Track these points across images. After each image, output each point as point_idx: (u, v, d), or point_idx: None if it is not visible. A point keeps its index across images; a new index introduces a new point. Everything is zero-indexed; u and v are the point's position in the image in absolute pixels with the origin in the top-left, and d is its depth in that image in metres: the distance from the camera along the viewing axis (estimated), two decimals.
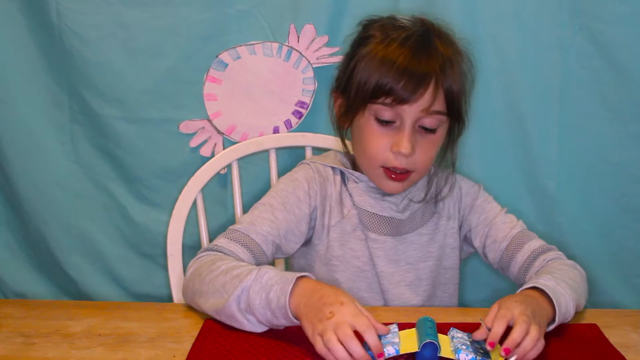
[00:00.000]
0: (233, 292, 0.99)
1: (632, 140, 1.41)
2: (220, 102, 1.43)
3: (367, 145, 1.15)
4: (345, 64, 1.19)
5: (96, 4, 1.38)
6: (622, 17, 1.35)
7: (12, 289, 1.54)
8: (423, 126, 1.13)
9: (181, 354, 0.96)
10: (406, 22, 1.16)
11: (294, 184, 1.21)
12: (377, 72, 1.10)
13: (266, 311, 0.98)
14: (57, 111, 1.45)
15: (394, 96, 1.09)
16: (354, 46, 1.18)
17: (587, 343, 1.01)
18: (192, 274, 1.09)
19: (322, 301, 0.94)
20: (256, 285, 0.98)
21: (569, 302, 1.04)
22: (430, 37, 1.14)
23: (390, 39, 1.12)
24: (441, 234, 1.26)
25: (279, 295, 0.96)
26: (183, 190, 1.38)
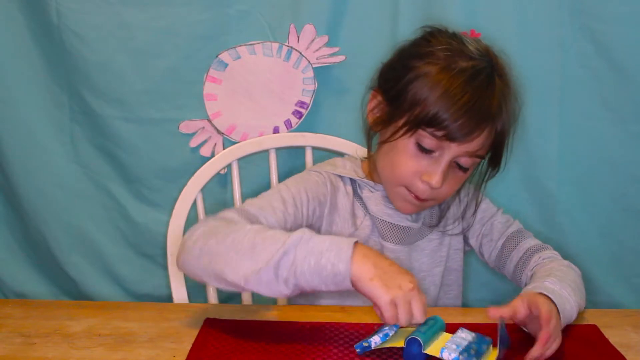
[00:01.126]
0: (272, 257, 0.92)
1: (632, 140, 1.41)
2: (220, 102, 1.43)
3: (399, 164, 1.11)
4: (397, 69, 1.12)
5: (96, 4, 1.38)
6: (622, 17, 1.35)
7: (12, 289, 1.54)
8: (458, 163, 1.10)
9: (181, 354, 0.96)
10: (472, 49, 1.10)
11: (305, 184, 1.15)
12: (438, 103, 1.05)
13: (314, 278, 0.92)
14: (57, 111, 1.45)
15: (447, 132, 1.05)
16: (412, 55, 1.11)
17: (587, 344, 1.01)
18: (204, 233, 0.99)
19: (395, 268, 0.93)
20: (301, 251, 0.92)
21: (573, 307, 1.04)
22: (493, 76, 1.09)
23: (458, 70, 1.06)
24: (447, 237, 1.25)
25: (333, 262, 0.91)
26: (183, 190, 1.38)
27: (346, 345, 0.98)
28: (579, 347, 1.00)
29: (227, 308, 1.18)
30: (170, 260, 1.37)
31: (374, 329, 0.98)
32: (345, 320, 1.06)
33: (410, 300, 0.91)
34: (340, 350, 0.96)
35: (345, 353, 0.96)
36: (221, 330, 1.02)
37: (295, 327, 1.04)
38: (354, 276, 0.91)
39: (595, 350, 0.99)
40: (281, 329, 1.03)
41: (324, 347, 0.97)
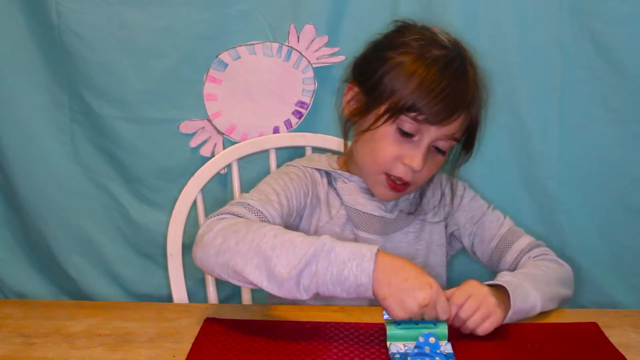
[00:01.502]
0: (294, 266, 0.93)
1: (632, 140, 1.41)
2: (220, 102, 1.43)
3: (380, 150, 1.15)
4: (372, 61, 1.17)
5: (96, 4, 1.38)
6: (622, 17, 1.35)
7: (12, 289, 1.54)
8: (436, 147, 1.15)
9: (181, 354, 0.96)
10: (444, 40, 1.16)
11: (288, 177, 1.19)
12: (416, 91, 1.10)
13: (336, 288, 0.93)
14: (57, 111, 1.45)
15: (427, 116, 1.10)
16: (386, 46, 1.17)
17: (586, 341, 1.01)
18: (223, 230, 1.00)
19: (411, 287, 0.93)
20: (323, 261, 0.93)
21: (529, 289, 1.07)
22: (465, 65, 1.15)
23: (432, 58, 1.12)
24: (427, 231, 1.27)
25: (356, 273, 0.92)
26: (183, 190, 1.38)
27: (346, 345, 0.98)
28: (579, 345, 1.00)
29: (227, 308, 1.18)
30: (170, 260, 1.37)
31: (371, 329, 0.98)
32: (345, 320, 1.06)
33: (423, 313, 0.94)
34: (340, 350, 0.97)
35: (345, 353, 0.96)
36: (221, 330, 1.02)
37: (295, 327, 1.04)
38: (375, 291, 0.93)
39: (595, 348, 0.99)
40: (281, 329, 1.03)
41: (324, 347, 0.97)
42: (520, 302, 1.05)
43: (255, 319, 1.07)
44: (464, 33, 1.36)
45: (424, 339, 0.92)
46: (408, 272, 0.94)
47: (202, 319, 1.06)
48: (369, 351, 0.96)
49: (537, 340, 1.01)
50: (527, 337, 1.02)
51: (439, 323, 0.96)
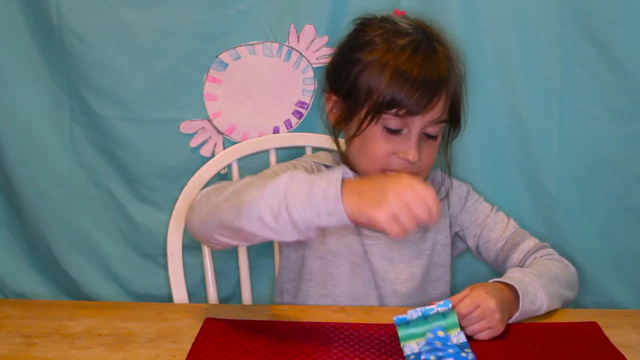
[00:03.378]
0: (262, 192, 0.91)
1: (632, 140, 1.41)
2: (220, 102, 1.43)
3: (372, 150, 1.14)
4: (342, 67, 1.17)
5: (96, 4, 1.38)
6: (622, 17, 1.35)
7: (12, 289, 1.54)
8: (427, 133, 1.15)
9: (181, 354, 0.96)
10: (406, 26, 1.15)
11: (296, 168, 1.17)
12: (391, 85, 1.09)
13: (306, 208, 0.89)
14: (57, 111, 1.45)
15: (407, 108, 1.10)
16: (352, 48, 1.16)
17: (586, 341, 1.01)
18: (209, 191, 1.02)
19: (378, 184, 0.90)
20: (293, 182, 0.91)
21: (537, 289, 1.08)
22: (433, 44, 1.14)
23: (399, 48, 1.11)
24: (432, 231, 1.26)
25: (325, 187, 0.89)
26: (183, 190, 1.38)
27: (346, 345, 0.98)
28: (579, 345, 1.00)
29: (227, 308, 1.18)
30: (170, 260, 1.37)
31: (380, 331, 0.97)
32: (345, 320, 1.06)
33: (407, 203, 0.88)
34: (340, 350, 0.97)
35: (345, 353, 0.96)
36: (221, 330, 1.02)
37: (295, 327, 1.04)
38: (347, 212, 0.89)
39: (595, 348, 0.99)
40: (281, 329, 1.03)
41: (324, 347, 0.97)
42: (529, 303, 1.06)
43: (255, 319, 1.07)
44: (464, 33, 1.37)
45: (433, 335, 0.92)
46: (384, 179, 0.92)
47: (202, 319, 1.06)
48: (369, 352, 0.96)
49: (537, 340, 1.01)
50: (527, 337, 1.02)
51: (448, 314, 0.95)
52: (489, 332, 1.00)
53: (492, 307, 1.00)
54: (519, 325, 1.05)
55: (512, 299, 1.05)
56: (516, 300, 1.05)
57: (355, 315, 1.09)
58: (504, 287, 1.07)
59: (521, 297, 1.05)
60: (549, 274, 1.14)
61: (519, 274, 1.11)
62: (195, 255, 1.43)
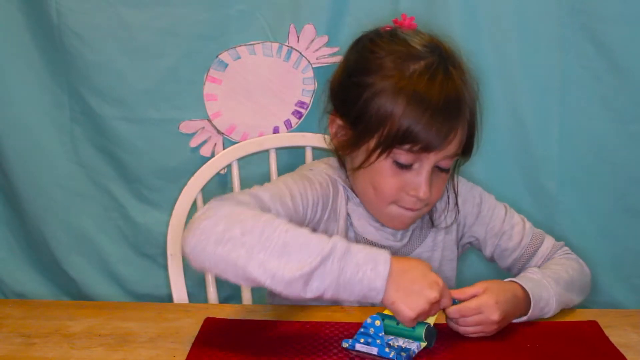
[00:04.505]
0: (307, 265, 0.87)
1: (632, 140, 1.41)
2: (220, 102, 1.43)
3: (380, 186, 1.06)
4: (351, 89, 1.07)
5: (96, 4, 1.38)
6: (622, 17, 1.35)
7: (12, 289, 1.54)
8: (439, 166, 1.06)
9: (181, 354, 0.96)
10: (418, 47, 1.05)
11: (310, 183, 1.09)
12: (406, 116, 1.00)
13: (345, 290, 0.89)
14: (57, 111, 1.45)
15: (423, 144, 1.01)
16: (362, 71, 1.06)
17: (587, 340, 1.01)
18: (227, 217, 0.91)
19: (419, 287, 0.92)
20: (339, 261, 0.88)
21: (552, 296, 1.07)
22: (448, 68, 1.04)
23: (415, 76, 1.02)
24: (439, 249, 1.20)
25: (371, 277, 0.88)
26: (183, 190, 1.38)
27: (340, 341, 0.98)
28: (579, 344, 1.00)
29: (227, 308, 1.18)
30: (170, 260, 1.37)
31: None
32: (345, 320, 1.06)
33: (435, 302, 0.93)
34: (340, 350, 0.96)
35: (345, 353, 0.96)
36: (221, 330, 1.02)
37: (295, 327, 1.04)
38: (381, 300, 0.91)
39: (595, 347, 0.99)
40: (281, 329, 1.03)
41: (324, 348, 0.97)
42: (539, 311, 1.06)
43: (255, 319, 1.07)
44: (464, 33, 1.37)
45: (371, 321, 0.93)
46: (415, 274, 0.93)
47: (202, 319, 1.06)
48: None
49: (537, 339, 1.01)
50: (527, 337, 1.02)
51: (418, 326, 0.95)
52: (478, 334, 1.00)
53: (494, 319, 0.99)
54: (518, 325, 1.05)
55: (522, 305, 1.04)
56: (526, 305, 1.04)
57: (356, 315, 1.09)
58: (519, 288, 1.05)
59: (532, 306, 1.04)
60: (566, 278, 1.12)
61: (538, 275, 1.09)
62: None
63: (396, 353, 0.91)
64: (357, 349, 0.93)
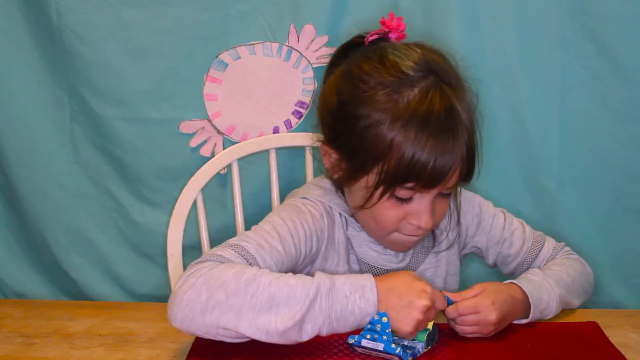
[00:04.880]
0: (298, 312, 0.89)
1: (632, 140, 1.41)
2: (220, 102, 1.43)
3: (381, 219, 1.04)
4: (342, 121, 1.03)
5: (96, 4, 1.38)
6: (622, 17, 1.35)
7: (12, 289, 1.54)
8: (441, 193, 1.03)
9: (181, 354, 0.96)
10: (409, 71, 0.99)
11: (301, 217, 1.06)
12: (405, 155, 0.96)
13: (339, 324, 0.91)
14: (57, 111, 1.45)
15: (424, 182, 0.98)
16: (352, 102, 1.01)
17: (586, 341, 1.01)
18: (207, 283, 0.90)
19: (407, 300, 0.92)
20: (326, 300, 0.90)
21: (552, 298, 1.07)
22: (442, 88, 0.99)
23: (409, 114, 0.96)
24: (443, 265, 1.19)
25: (361, 305, 0.91)
26: (183, 190, 1.38)
27: (346, 345, 0.98)
28: (579, 345, 1.00)
29: None
30: (170, 261, 1.37)
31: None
32: None
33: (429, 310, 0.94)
34: (340, 350, 0.96)
35: (345, 353, 0.96)
36: None
37: None
38: None
39: (595, 348, 0.99)
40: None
41: (324, 347, 0.97)
42: (539, 314, 1.06)
43: None
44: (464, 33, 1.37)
45: (379, 317, 0.93)
46: (401, 288, 0.93)
47: None
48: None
49: (536, 340, 1.01)
50: (527, 337, 1.02)
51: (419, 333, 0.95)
52: (475, 334, 1.00)
53: (491, 320, 0.99)
54: (518, 325, 1.05)
55: (520, 306, 1.04)
56: (525, 306, 1.05)
57: None
58: (517, 290, 1.05)
59: (532, 309, 1.04)
60: (567, 279, 1.12)
61: (539, 277, 1.09)
62: (195, 255, 1.42)
63: (402, 350, 0.91)
64: (363, 345, 0.93)
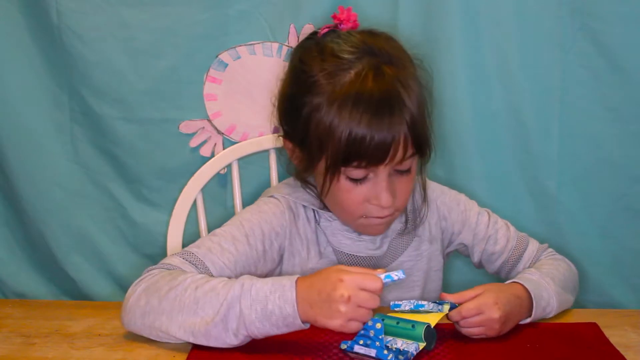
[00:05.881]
0: (217, 312, 0.93)
1: (632, 140, 1.41)
2: (220, 102, 1.43)
3: (344, 203, 1.07)
4: (290, 111, 1.10)
5: (96, 4, 1.38)
6: (622, 17, 1.35)
7: (12, 289, 1.54)
8: (398, 170, 1.06)
9: (181, 354, 0.96)
10: (345, 54, 1.03)
11: (260, 217, 1.12)
12: (343, 143, 1.00)
13: (264, 324, 0.93)
14: (57, 111, 1.45)
15: (367, 160, 1.01)
16: (297, 90, 1.07)
17: (586, 341, 1.01)
18: (146, 290, 0.98)
19: (325, 294, 0.90)
20: (246, 300, 0.92)
21: (552, 295, 1.08)
22: (380, 68, 1.02)
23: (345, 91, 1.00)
24: (424, 259, 1.21)
25: (280, 304, 0.92)
26: (183, 190, 1.38)
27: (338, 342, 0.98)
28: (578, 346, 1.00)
29: None
30: None
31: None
32: None
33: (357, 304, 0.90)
34: (340, 351, 0.97)
35: (345, 353, 0.96)
36: None
37: None
38: (304, 321, 0.92)
39: (595, 348, 0.99)
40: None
41: (324, 347, 0.97)
42: (541, 311, 1.07)
43: None
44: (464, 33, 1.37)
45: (372, 323, 0.93)
46: (319, 284, 0.92)
47: None
48: None
49: (537, 340, 1.01)
50: (527, 337, 1.02)
51: (417, 326, 0.96)
52: (480, 335, 1.01)
53: (495, 318, 0.99)
54: (519, 325, 1.05)
55: (523, 305, 1.05)
56: (528, 305, 1.05)
57: None
58: (520, 288, 1.06)
59: (535, 306, 1.05)
60: (560, 277, 1.14)
61: (536, 276, 1.10)
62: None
63: (394, 356, 0.91)
64: (355, 351, 0.93)
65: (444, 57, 1.38)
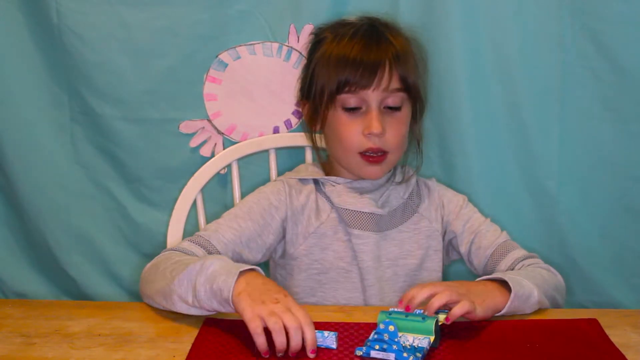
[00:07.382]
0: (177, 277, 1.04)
1: (632, 140, 1.41)
2: (220, 102, 1.43)
3: (341, 134, 1.22)
4: (304, 73, 1.31)
5: (96, 4, 1.38)
6: (622, 17, 1.35)
7: (12, 289, 1.54)
8: (388, 106, 1.21)
9: (181, 354, 0.96)
10: (354, 20, 1.26)
11: (259, 196, 1.27)
12: (335, 69, 1.20)
13: (212, 301, 1.01)
14: (57, 111, 1.45)
15: (357, 83, 1.18)
16: (310, 53, 1.30)
17: (586, 338, 1.01)
18: (152, 266, 1.15)
19: (266, 288, 0.99)
20: (201, 277, 1.01)
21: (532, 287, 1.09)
22: (377, 29, 1.24)
23: (340, 36, 1.22)
24: (423, 234, 1.29)
25: (222, 287, 0.99)
26: (183, 190, 1.38)
27: (346, 346, 0.98)
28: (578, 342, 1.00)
29: None
30: None
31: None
32: (345, 320, 1.06)
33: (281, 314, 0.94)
34: (340, 351, 0.97)
35: (345, 354, 0.96)
36: (221, 330, 1.02)
37: None
38: (233, 299, 0.98)
39: (594, 345, 0.99)
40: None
41: (324, 347, 0.97)
42: (519, 287, 1.07)
43: None
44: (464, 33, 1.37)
45: (385, 326, 0.93)
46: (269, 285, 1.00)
47: (202, 319, 1.06)
48: None
49: (536, 337, 1.01)
50: (527, 335, 1.02)
51: (427, 319, 0.96)
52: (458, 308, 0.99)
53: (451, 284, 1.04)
54: (518, 323, 1.05)
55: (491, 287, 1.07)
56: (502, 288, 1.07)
57: (356, 315, 1.09)
58: (485, 281, 1.09)
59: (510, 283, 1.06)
60: (537, 276, 1.16)
61: (508, 274, 1.13)
62: None
63: (413, 356, 0.91)
64: (372, 356, 0.93)
65: (443, 57, 1.38)
